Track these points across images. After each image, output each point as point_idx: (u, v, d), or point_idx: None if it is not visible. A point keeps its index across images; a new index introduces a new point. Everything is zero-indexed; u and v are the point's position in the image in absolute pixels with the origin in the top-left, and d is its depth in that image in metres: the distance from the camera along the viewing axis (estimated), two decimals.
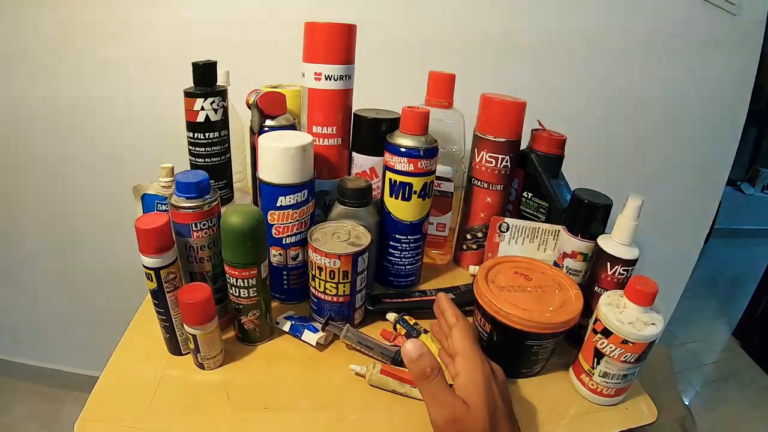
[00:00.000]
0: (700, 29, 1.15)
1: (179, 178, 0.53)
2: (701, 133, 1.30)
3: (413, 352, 0.42)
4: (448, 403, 0.41)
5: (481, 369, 0.44)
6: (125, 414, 0.50)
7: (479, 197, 0.76)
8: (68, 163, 1.18)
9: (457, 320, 0.48)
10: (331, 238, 0.60)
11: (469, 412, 0.41)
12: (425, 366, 0.41)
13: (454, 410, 0.41)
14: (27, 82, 1.09)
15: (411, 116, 0.63)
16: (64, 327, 1.49)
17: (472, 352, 0.45)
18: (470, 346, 0.45)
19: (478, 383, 0.42)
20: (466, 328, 0.47)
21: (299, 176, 0.59)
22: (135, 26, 1.03)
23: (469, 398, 0.42)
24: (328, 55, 0.64)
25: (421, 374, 0.41)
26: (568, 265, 0.66)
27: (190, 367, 0.56)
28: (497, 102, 0.70)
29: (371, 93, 0.75)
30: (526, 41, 1.09)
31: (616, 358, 0.52)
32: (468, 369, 0.43)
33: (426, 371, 0.41)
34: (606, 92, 1.19)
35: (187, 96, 0.64)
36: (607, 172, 1.24)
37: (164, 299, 0.53)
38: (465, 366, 0.44)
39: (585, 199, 0.62)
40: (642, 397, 0.59)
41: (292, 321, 0.62)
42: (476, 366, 0.44)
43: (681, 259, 1.55)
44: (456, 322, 0.48)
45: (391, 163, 0.64)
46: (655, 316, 0.52)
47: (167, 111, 0.93)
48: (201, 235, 0.54)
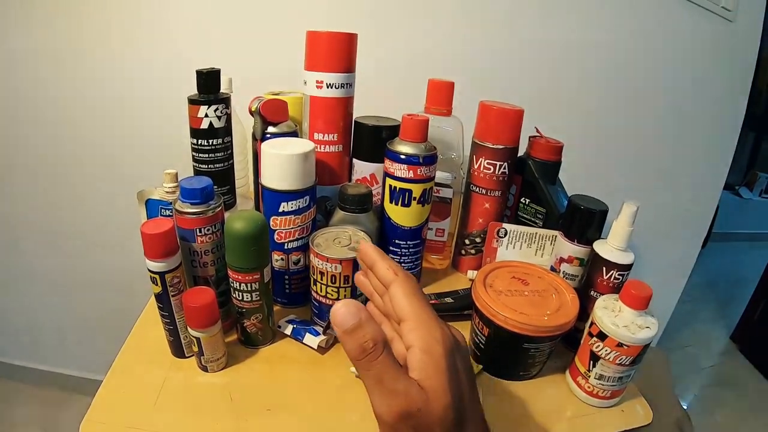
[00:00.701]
0: (697, 36, 1.16)
1: (184, 185, 0.53)
2: (699, 138, 1.31)
3: (347, 319, 0.30)
4: (400, 391, 0.29)
5: (441, 338, 0.32)
6: (130, 415, 0.50)
7: (478, 203, 0.77)
8: (72, 168, 1.19)
9: (396, 274, 0.35)
10: (332, 243, 0.61)
11: (428, 402, 0.30)
12: (365, 339, 0.30)
13: (409, 401, 0.29)
14: (30, 86, 1.10)
15: (411, 124, 0.64)
16: (65, 330, 1.49)
17: (425, 315, 0.33)
18: (420, 308, 0.33)
19: (439, 360, 0.31)
20: (409, 282, 0.35)
21: (301, 182, 0.60)
22: (139, 32, 1.03)
23: (428, 381, 0.30)
24: (330, 63, 0.65)
25: (359, 351, 0.30)
26: (565, 269, 0.67)
27: (194, 369, 0.57)
28: (495, 109, 0.72)
29: (372, 100, 0.76)
30: (524, 49, 1.10)
31: (611, 360, 0.53)
32: (423, 337, 0.31)
33: (366, 346, 0.29)
34: (603, 98, 1.19)
35: (191, 103, 0.65)
36: (604, 177, 1.25)
37: (169, 303, 0.54)
38: (419, 333, 0.32)
39: (581, 205, 0.63)
40: (637, 399, 0.60)
41: (294, 324, 0.63)
42: (434, 335, 0.32)
43: (679, 263, 1.55)
44: (395, 277, 0.35)
45: (391, 169, 0.65)
46: (649, 320, 0.53)
47: (171, 117, 0.94)
48: (205, 240, 0.55)
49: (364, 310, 0.30)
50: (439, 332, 0.32)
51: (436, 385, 0.30)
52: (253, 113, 0.69)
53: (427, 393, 0.30)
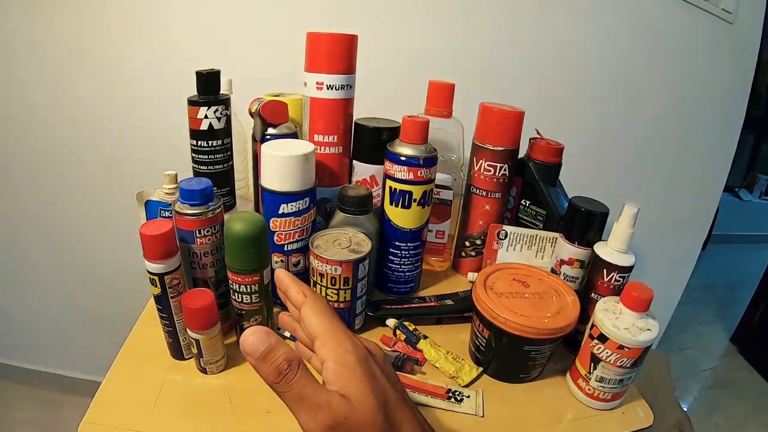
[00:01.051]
0: (697, 37, 1.16)
1: (183, 186, 0.53)
2: (699, 140, 1.31)
3: (257, 346, 0.30)
4: (322, 404, 0.30)
5: (352, 349, 0.33)
6: (128, 417, 0.50)
7: (478, 205, 0.76)
8: (71, 169, 1.19)
9: (305, 296, 0.36)
10: (332, 245, 0.60)
11: (353, 409, 0.30)
12: (279, 361, 0.30)
13: (333, 411, 0.30)
14: (30, 87, 1.10)
15: (411, 125, 0.64)
16: (64, 332, 1.48)
17: (333, 329, 0.34)
18: (329, 324, 0.34)
19: (354, 367, 0.31)
20: (318, 302, 0.36)
21: (301, 184, 0.60)
22: (140, 33, 1.03)
23: (348, 389, 0.31)
24: (330, 64, 0.65)
25: (275, 374, 0.30)
26: (566, 271, 0.67)
27: (193, 371, 0.57)
28: (496, 111, 0.71)
29: (372, 102, 0.76)
30: (524, 51, 1.10)
31: (612, 363, 0.53)
32: (335, 352, 0.32)
33: (282, 368, 0.30)
34: (603, 100, 1.19)
35: (191, 104, 0.65)
36: (604, 179, 1.25)
37: (168, 304, 0.53)
38: (329, 349, 0.32)
39: (582, 207, 0.63)
40: (638, 401, 0.60)
41: None
42: (345, 346, 0.32)
43: (679, 265, 1.55)
44: (305, 299, 0.36)
45: (392, 171, 0.65)
46: (650, 322, 0.53)
47: (171, 118, 0.94)
48: (204, 242, 0.55)
49: (273, 335, 0.31)
50: (349, 343, 0.33)
51: (357, 391, 0.31)
52: (252, 114, 0.69)
53: (350, 401, 0.30)
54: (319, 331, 0.33)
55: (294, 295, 0.37)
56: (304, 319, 0.35)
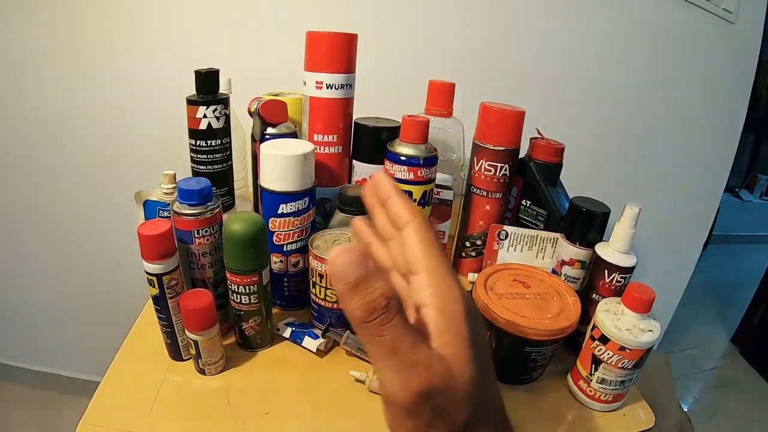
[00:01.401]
0: (697, 37, 1.16)
1: (182, 186, 0.53)
2: (699, 140, 1.31)
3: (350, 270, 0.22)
4: (420, 363, 0.23)
5: (461, 298, 0.25)
6: (126, 419, 0.50)
7: (478, 205, 0.76)
8: (70, 169, 1.18)
9: (412, 215, 0.29)
10: (331, 246, 0.60)
11: (451, 377, 0.23)
12: (375, 295, 0.22)
13: (432, 375, 0.23)
14: (29, 88, 1.09)
15: (411, 125, 0.63)
16: (63, 331, 1.48)
17: (441, 268, 0.26)
18: (437, 259, 0.27)
19: (459, 322, 0.24)
20: (426, 227, 0.28)
21: (300, 184, 0.60)
22: (138, 33, 1.03)
23: (449, 350, 0.24)
24: (330, 64, 0.65)
25: (367, 311, 0.22)
26: (567, 272, 0.66)
27: (191, 372, 0.56)
28: (496, 111, 0.71)
29: (372, 102, 0.76)
30: (525, 51, 1.10)
31: (613, 364, 0.53)
32: (440, 298, 0.25)
33: (377, 305, 0.22)
34: (604, 100, 1.19)
35: (190, 103, 0.64)
36: (605, 180, 1.25)
37: (166, 305, 0.53)
38: (434, 293, 0.25)
39: (583, 208, 0.63)
40: (639, 403, 0.60)
41: (293, 327, 0.62)
42: (453, 293, 0.25)
43: (679, 265, 1.55)
44: (411, 218, 0.28)
45: (391, 171, 0.65)
46: (652, 323, 0.53)
47: (170, 118, 0.94)
48: (203, 242, 0.55)
49: (372, 259, 0.23)
50: (458, 290, 0.26)
51: (459, 355, 0.24)
52: (252, 114, 0.69)
53: (449, 365, 0.23)
54: (423, 266, 0.26)
55: (398, 209, 0.29)
56: (407, 244, 0.28)
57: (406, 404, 0.23)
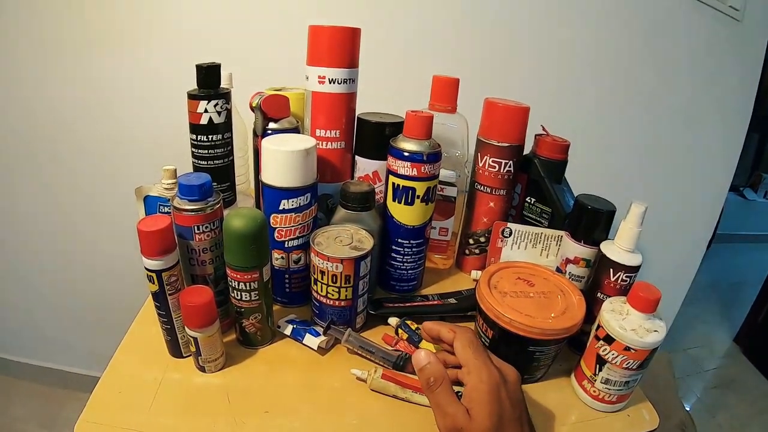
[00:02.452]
0: (703, 35, 1.15)
1: (182, 181, 0.53)
2: (704, 139, 1.30)
3: (420, 362, 0.44)
4: (450, 413, 0.42)
5: (487, 378, 0.43)
6: (125, 416, 0.49)
7: (482, 202, 0.75)
8: (70, 164, 1.18)
9: (454, 333, 0.48)
10: (333, 242, 0.59)
11: (471, 422, 0.41)
12: (428, 376, 0.43)
13: (455, 420, 0.41)
14: (29, 83, 1.09)
15: (415, 120, 0.63)
16: (67, 327, 1.49)
17: (475, 361, 0.44)
18: (473, 355, 0.45)
19: (482, 393, 0.42)
20: (465, 337, 0.47)
21: (302, 180, 0.59)
22: (139, 28, 1.03)
23: (473, 409, 0.42)
24: (332, 58, 0.64)
25: (425, 383, 0.44)
26: (571, 271, 0.66)
27: (191, 369, 0.56)
28: (501, 107, 0.70)
29: (375, 97, 0.75)
30: (530, 46, 1.09)
31: (618, 365, 0.52)
32: (473, 379, 0.43)
33: (430, 381, 0.43)
34: (609, 97, 1.18)
35: (191, 98, 0.64)
36: (608, 178, 1.24)
37: (166, 302, 0.53)
38: (470, 376, 0.44)
39: (588, 205, 0.62)
40: (644, 404, 0.59)
41: (294, 325, 0.62)
42: (481, 376, 0.43)
43: (683, 264, 1.54)
44: (454, 335, 0.47)
45: (395, 167, 0.64)
46: (657, 323, 0.52)
47: (171, 113, 0.93)
48: (203, 238, 0.54)
49: (433, 356, 0.45)
50: (485, 374, 0.43)
51: (479, 412, 0.41)
52: (253, 109, 0.68)
53: (472, 417, 0.41)
54: (464, 361, 0.45)
55: (446, 334, 0.49)
56: (456, 350, 0.46)
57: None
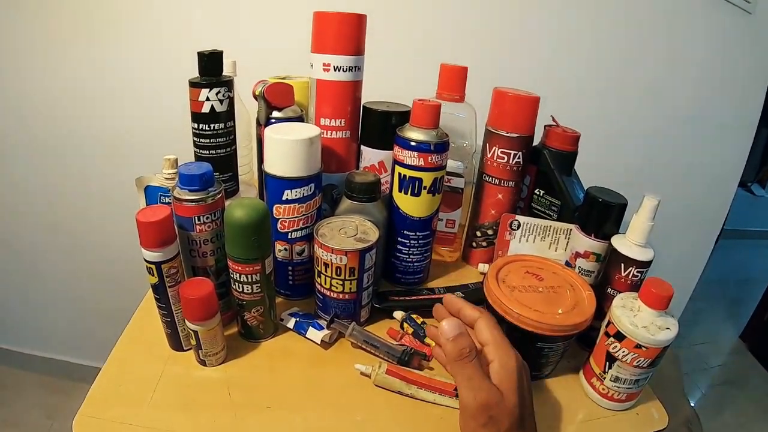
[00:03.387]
0: (714, 28, 1.13)
1: (182, 170, 0.52)
2: (714, 134, 1.29)
3: (451, 331, 0.42)
4: (484, 388, 0.40)
5: (515, 358, 0.42)
6: (125, 410, 0.49)
7: (490, 194, 0.74)
8: (72, 155, 1.18)
9: (480, 313, 0.46)
10: (337, 234, 0.58)
11: (502, 400, 0.39)
12: (463, 346, 0.41)
13: (489, 396, 0.39)
14: (31, 74, 1.09)
15: (422, 109, 0.62)
16: (72, 319, 1.50)
17: (503, 341, 0.43)
18: (501, 335, 0.43)
19: (512, 372, 0.41)
20: (491, 319, 0.45)
21: (306, 169, 0.58)
22: (141, 16, 1.02)
23: (503, 386, 0.40)
24: (338, 45, 0.63)
25: (458, 354, 0.41)
26: (581, 265, 0.64)
27: (192, 363, 0.55)
28: (510, 96, 0.69)
29: (381, 85, 0.74)
30: (540, 35, 1.08)
31: (628, 362, 0.51)
32: (502, 357, 0.42)
33: (464, 351, 0.41)
34: (619, 90, 1.17)
35: (192, 86, 0.63)
36: (617, 171, 1.23)
37: (166, 294, 0.52)
38: (498, 353, 0.42)
39: (599, 198, 0.61)
40: (653, 402, 0.58)
41: (297, 318, 0.61)
42: (510, 354, 0.42)
43: (690, 260, 1.54)
44: (480, 315, 0.45)
45: (401, 157, 0.63)
46: (669, 320, 0.51)
47: (173, 101, 0.92)
48: (204, 229, 0.53)
49: (463, 326, 0.42)
50: (513, 354, 0.42)
51: (509, 389, 0.40)
52: (256, 97, 0.67)
53: (502, 394, 0.40)
54: (491, 340, 0.43)
55: (469, 312, 0.46)
56: (479, 329, 0.44)
57: (471, 410, 0.39)
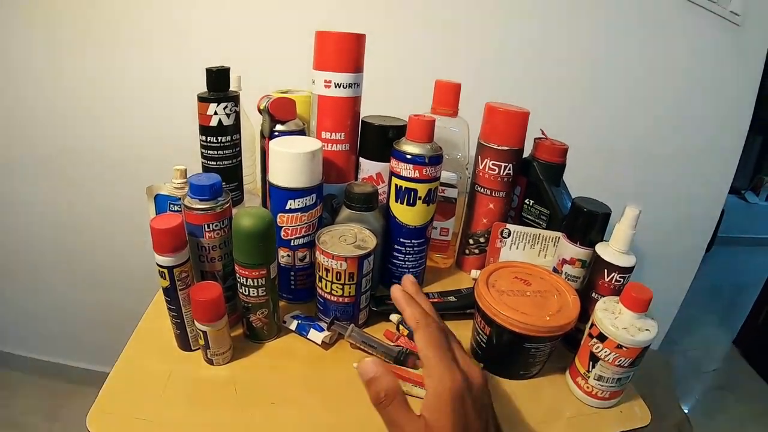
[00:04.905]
0: (704, 39, 1.15)
1: (193, 181, 0.54)
2: (705, 142, 1.30)
3: (364, 375, 0.37)
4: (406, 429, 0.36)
5: (449, 383, 0.36)
6: (136, 407, 0.51)
7: (482, 203, 0.77)
8: (82, 163, 1.20)
9: (417, 324, 0.39)
10: (338, 241, 0.61)
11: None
12: (379, 390, 0.36)
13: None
14: (40, 84, 1.11)
15: (417, 124, 0.64)
16: (72, 322, 1.50)
17: (436, 363, 0.37)
18: (434, 356, 0.38)
19: (444, 402, 0.36)
20: (428, 333, 0.39)
21: (308, 180, 0.61)
22: (150, 31, 1.04)
23: (435, 420, 0.36)
24: (338, 63, 0.66)
25: (375, 398, 0.37)
26: (567, 271, 0.67)
27: (200, 362, 0.58)
28: (501, 111, 0.72)
29: (379, 100, 0.76)
30: (531, 52, 1.10)
31: (610, 362, 0.54)
32: (434, 385, 0.37)
33: (380, 396, 0.36)
34: (609, 101, 1.19)
35: (201, 101, 0.66)
36: (609, 180, 1.25)
37: (176, 297, 0.54)
38: (430, 382, 0.37)
39: (584, 208, 0.64)
40: (636, 400, 0.61)
41: (299, 320, 0.64)
42: (443, 381, 0.37)
43: (683, 266, 1.54)
44: (416, 326, 0.39)
45: (397, 169, 0.66)
46: (649, 322, 0.53)
47: (181, 115, 0.95)
48: (213, 236, 0.56)
49: (382, 366, 0.37)
50: (448, 378, 0.37)
51: (441, 424, 0.36)
52: (261, 111, 0.70)
53: (431, 428, 0.35)
54: (425, 362, 0.38)
55: (408, 319, 0.40)
56: (417, 347, 0.39)
57: None
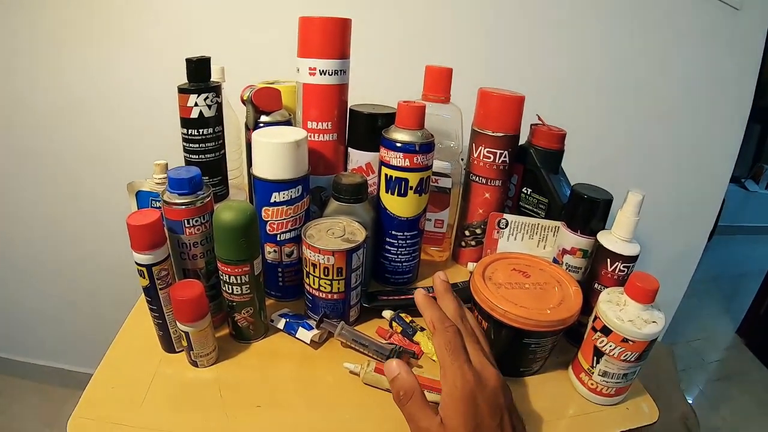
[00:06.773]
0: (702, 24, 1.14)
1: (171, 175, 0.52)
2: (704, 130, 1.29)
3: (391, 372, 0.42)
4: (423, 427, 0.40)
5: (461, 385, 0.40)
6: (118, 412, 0.49)
7: (477, 193, 0.75)
8: (64, 161, 1.19)
9: (433, 328, 0.43)
10: (325, 235, 0.59)
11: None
12: (399, 388, 0.41)
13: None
14: (22, 79, 1.10)
15: (407, 111, 0.62)
16: (65, 325, 1.50)
17: (449, 364, 0.41)
18: (449, 358, 0.41)
19: (456, 401, 0.40)
20: (444, 338, 0.42)
21: (293, 172, 0.59)
22: (130, 22, 1.03)
23: (447, 418, 0.40)
24: (323, 49, 0.63)
25: (396, 396, 0.41)
26: (568, 261, 0.65)
27: (184, 364, 0.56)
28: (495, 96, 0.70)
29: (367, 88, 0.75)
30: (525, 35, 1.09)
31: (616, 357, 0.52)
32: (447, 386, 0.40)
33: (399, 394, 0.41)
34: (608, 87, 1.18)
35: (181, 92, 0.64)
36: (607, 168, 1.23)
37: (157, 296, 0.52)
38: (444, 384, 0.41)
39: (584, 195, 0.61)
40: (643, 396, 0.58)
41: (287, 318, 0.62)
42: (455, 382, 0.40)
43: (684, 256, 1.54)
44: (434, 330, 0.43)
45: (387, 158, 0.64)
46: (656, 314, 0.51)
47: (163, 107, 0.93)
48: (194, 232, 0.54)
49: (403, 367, 0.41)
50: (460, 379, 0.40)
51: (454, 423, 0.39)
52: (245, 102, 0.68)
53: (445, 426, 0.39)
54: (440, 364, 0.41)
55: (426, 322, 0.44)
56: (434, 347, 0.43)
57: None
